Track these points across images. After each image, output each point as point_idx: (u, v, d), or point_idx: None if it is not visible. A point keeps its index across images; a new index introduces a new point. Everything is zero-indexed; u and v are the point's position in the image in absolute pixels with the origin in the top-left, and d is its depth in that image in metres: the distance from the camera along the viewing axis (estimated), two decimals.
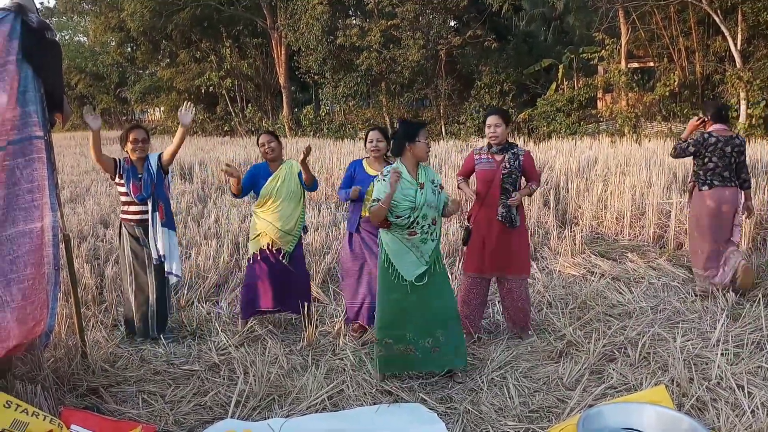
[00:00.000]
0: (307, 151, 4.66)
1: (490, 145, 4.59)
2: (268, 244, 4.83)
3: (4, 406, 3.11)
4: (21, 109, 3.60)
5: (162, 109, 36.43)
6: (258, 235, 4.86)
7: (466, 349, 4.13)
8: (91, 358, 4.20)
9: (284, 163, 4.88)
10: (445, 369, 4.06)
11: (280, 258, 4.83)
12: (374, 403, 3.76)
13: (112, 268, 6.11)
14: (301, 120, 26.38)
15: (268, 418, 3.63)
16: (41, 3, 36.65)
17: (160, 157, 4.83)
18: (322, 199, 10.26)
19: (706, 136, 5.42)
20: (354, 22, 25.09)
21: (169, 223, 4.80)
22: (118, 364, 4.33)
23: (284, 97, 28.15)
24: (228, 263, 6.40)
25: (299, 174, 4.85)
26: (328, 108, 27.99)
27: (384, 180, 3.85)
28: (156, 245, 4.71)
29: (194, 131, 29.59)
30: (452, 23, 24.93)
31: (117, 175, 4.75)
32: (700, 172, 5.46)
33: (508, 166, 4.48)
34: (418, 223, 3.87)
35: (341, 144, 18.92)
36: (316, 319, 4.97)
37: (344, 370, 4.20)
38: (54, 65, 3.79)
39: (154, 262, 4.75)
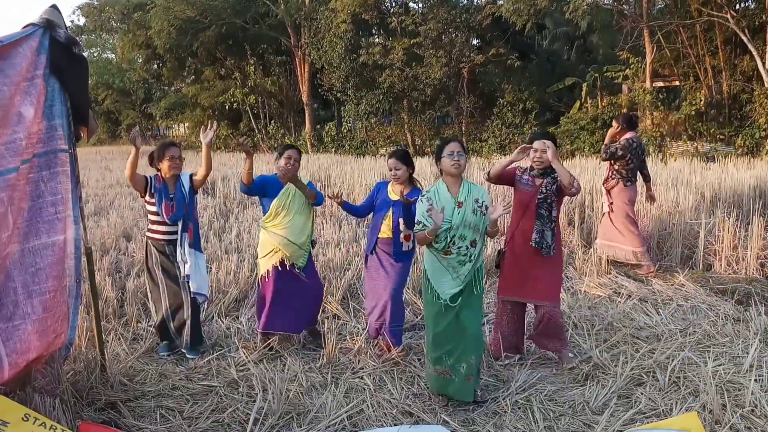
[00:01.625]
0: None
1: (532, 168, 4.42)
2: (282, 261, 4.76)
3: (23, 419, 3.09)
4: (47, 122, 3.64)
5: (186, 125, 36.89)
6: (270, 251, 4.78)
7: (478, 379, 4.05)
8: (110, 372, 4.19)
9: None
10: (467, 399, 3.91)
11: (296, 272, 4.78)
12: (394, 424, 3.68)
13: (133, 282, 6.12)
14: (323, 137, 26.53)
15: None
16: (71, 21, 37.37)
17: (191, 177, 4.79)
18: (343, 215, 10.23)
19: (631, 141, 6.61)
20: (377, 40, 25.26)
21: (196, 244, 4.76)
22: (137, 379, 4.30)
23: (307, 114, 28.33)
24: (248, 278, 6.37)
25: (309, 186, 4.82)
26: (350, 125, 28.11)
27: (422, 201, 3.83)
28: (183, 266, 4.66)
29: (217, 147, 29.89)
30: (475, 42, 24.98)
31: (148, 194, 4.67)
32: (624, 171, 6.67)
33: (545, 191, 4.31)
34: (454, 243, 3.79)
35: (362, 161, 18.95)
36: (336, 336, 4.91)
37: (364, 389, 4.12)
38: (80, 80, 3.83)
39: (184, 279, 4.70)
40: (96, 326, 4.19)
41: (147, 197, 4.69)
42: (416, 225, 3.83)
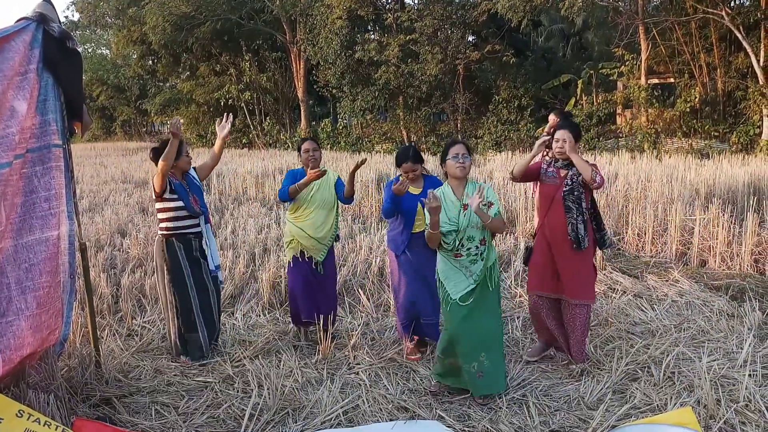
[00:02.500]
0: (361, 162, 4.60)
1: (556, 159, 4.31)
2: (302, 252, 4.79)
3: (17, 415, 3.08)
4: (40, 117, 3.62)
5: (181, 121, 36.80)
6: (290, 241, 4.84)
7: (506, 372, 4.02)
8: (104, 368, 4.18)
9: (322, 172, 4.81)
10: (488, 393, 3.89)
11: (314, 266, 4.79)
12: (390, 420, 3.67)
13: (128, 278, 6.10)
14: (318, 133, 26.51)
15: None
16: (65, 17, 37.29)
17: (195, 170, 4.75)
18: (340, 211, 10.21)
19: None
20: (372, 36, 25.25)
21: (214, 232, 4.73)
22: (131, 375, 4.29)
23: (302, 111, 28.33)
24: (244, 274, 6.36)
25: (336, 184, 4.83)
26: (345, 121, 28.11)
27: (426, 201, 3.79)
28: (212, 256, 4.60)
29: (212, 143, 29.82)
30: (471, 38, 25.00)
31: (169, 191, 4.41)
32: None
33: (570, 183, 4.19)
34: (463, 245, 3.77)
35: (358, 157, 18.91)
36: (332, 333, 4.91)
37: (360, 384, 4.12)
38: (74, 74, 3.80)
39: (211, 275, 4.61)
40: (90, 322, 4.17)
41: (167, 194, 4.41)
42: (426, 226, 3.80)
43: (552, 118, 6.87)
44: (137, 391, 4.06)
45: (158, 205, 4.48)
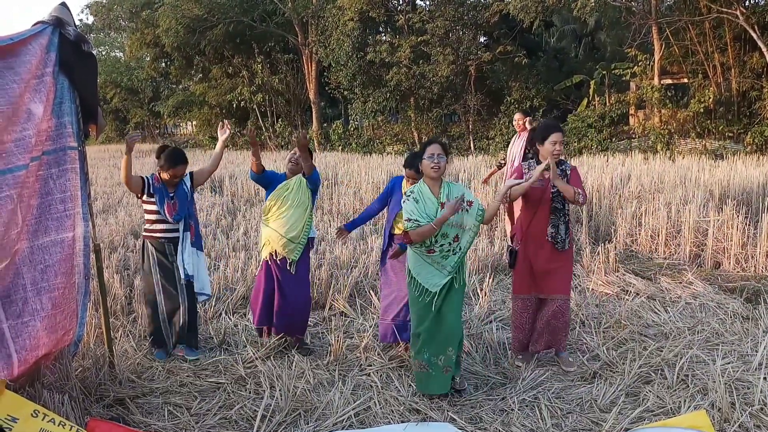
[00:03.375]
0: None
1: (538, 161, 4.31)
2: (272, 254, 4.75)
3: (32, 415, 3.11)
4: (56, 120, 3.66)
5: (194, 123, 37.01)
6: (263, 245, 4.83)
7: (459, 370, 4.08)
8: (118, 369, 4.20)
9: (298, 175, 4.82)
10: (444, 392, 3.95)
11: (287, 267, 4.74)
12: (402, 421, 3.68)
13: (141, 280, 6.14)
14: (330, 135, 26.55)
15: None
16: (80, 20, 37.61)
17: (191, 175, 4.79)
18: (350, 213, 10.24)
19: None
20: (384, 38, 25.27)
21: (197, 242, 4.75)
22: (144, 375, 4.32)
23: (314, 112, 28.37)
24: (256, 275, 6.38)
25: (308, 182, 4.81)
26: (356, 123, 28.12)
27: (409, 200, 3.84)
28: (184, 265, 4.63)
29: (225, 145, 29.91)
30: (482, 39, 24.95)
31: (146, 194, 4.58)
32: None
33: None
34: (437, 242, 3.83)
35: (369, 159, 18.95)
36: (343, 334, 4.91)
37: (371, 386, 4.13)
38: (89, 77, 3.84)
39: (182, 281, 4.66)
40: (104, 323, 4.21)
41: (145, 197, 4.59)
42: (407, 223, 3.82)
43: (519, 117, 7.52)
44: (150, 392, 4.08)
45: (143, 206, 4.70)
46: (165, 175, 4.60)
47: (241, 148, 28.85)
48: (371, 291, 5.98)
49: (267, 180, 4.84)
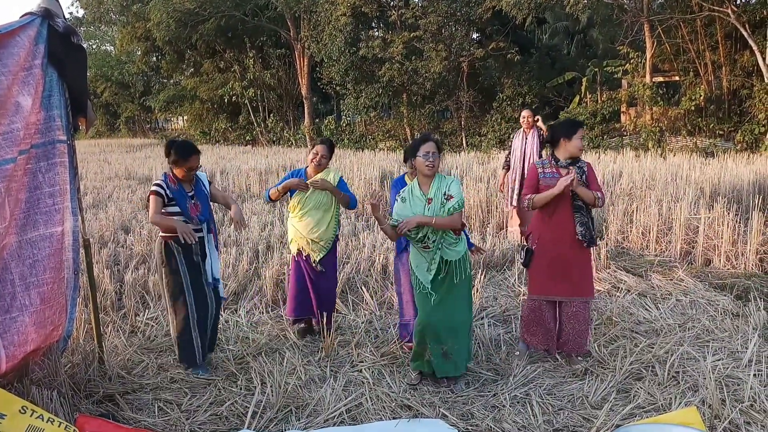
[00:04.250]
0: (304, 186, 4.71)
1: (556, 159, 4.27)
2: (299, 251, 4.87)
3: (20, 411, 3.08)
4: (45, 112, 3.61)
5: (185, 117, 36.86)
6: (291, 240, 4.95)
7: (469, 358, 4.17)
8: (108, 365, 4.18)
9: (323, 171, 4.81)
10: (449, 375, 4.06)
11: (312, 264, 4.82)
12: (394, 418, 3.67)
13: (131, 274, 6.10)
14: (322, 130, 26.50)
15: (285, 430, 3.56)
16: (70, 13, 37.27)
17: (209, 182, 4.48)
18: (343, 210, 10.20)
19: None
20: (377, 33, 25.20)
21: (217, 245, 4.51)
22: (135, 371, 4.29)
23: (306, 108, 28.31)
24: (247, 271, 6.36)
25: (339, 185, 4.82)
26: (349, 119, 28.10)
27: (398, 201, 3.93)
28: (212, 268, 4.33)
29: (216, 140, 29.84)
30: (475, 35, 24.92)
31: (167, 203, 4.12)
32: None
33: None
34: (428, 238, 3.87)
35: (361, 154, 18.92)
36: (335, 330, 4.90)
37: (363, 382, 4.12)
38: (79, 70, 3.80)
39: (210, 285, 4.34)
40: (94, 318, 4.17)
41: (167, 208, 4.14)
42: (392, 221, 3.91)
43: (527, 114, 7.67)
44: (140, 388, 4.06)
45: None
46: (180, 172, 4.18)
47: (232, 143, 28.78)
48: (363, 287, 5.97)
49: (285, 190, 4.82)
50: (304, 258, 4.86)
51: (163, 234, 4.20)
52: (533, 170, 4.40)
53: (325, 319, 4.85)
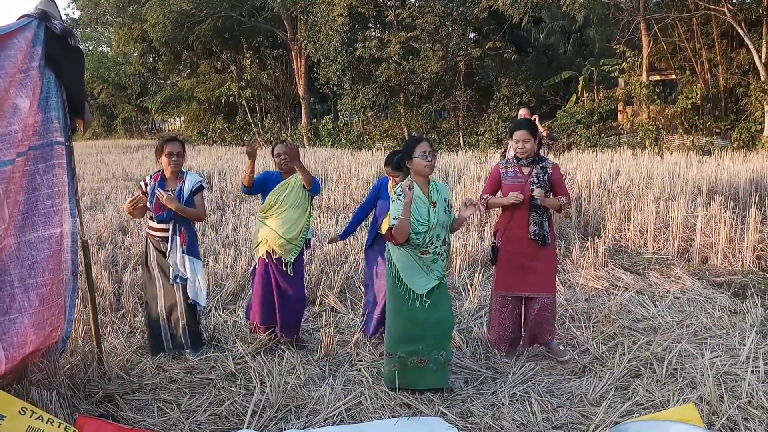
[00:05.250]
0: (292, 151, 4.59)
1: (517, 158, 4.37)
2: (268, 253, 4.72)
3: (20, 412, 3.08)
4: (43, 114, 3.62)
5: (182, 118, 36.81)
6: (259, 242, 4.77)
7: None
8: (107, 365, 4.18)
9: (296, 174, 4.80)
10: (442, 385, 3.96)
11: (283, 267, 4.71)
12: (393, 416, 3.68)
13: (129, 275, 6.10)
14: (319, 130, 26.49)
15: (285, 429, 3.56)
16: (66, 14, 37.21)
17: (200, 187, 4.59)
18: (340, 209, 10.22)
19: None
20: (373, 33, 25.23)
21: (191, 251, 4.55)
22: (134, 372, 4.29)
23: (303, 108, 28.30)
24: (245, 271, 6.35)
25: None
26: (346, 119, 28.09)
27: (398, 199, 3.78)
28: (176, 264, 4.49)
29: (213, 141, 29.83)
30: (472, 35, 24.96)
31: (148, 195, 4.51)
32: None
33: (537, 180, 4.25)
34: (432, 243, 3.82)
35: (359, 154, 18.92)
36: (333, 329, 4.90)
37: (362, 381, 4.12)
38: (76, 71, 3.79)
39: (172, 281, 4.54)
40: (93, 319, 4.17)
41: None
42: (393, 220, 3.80)
43: (524, 113, 7.84)
44: (140, 389, 4.06)
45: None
46: (164, 162, 4.47)
47: (230, 143, 28.75)
48: (361, 287, 5.98)
49: (259, 188, 4.77)
50: (274, 261, 4.72)
51: (146, 230, 4.66)
52: (495, 169, 4.49)
53: (290, 333, 4.78)
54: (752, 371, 3.89)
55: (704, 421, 3.26)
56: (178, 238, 4.51)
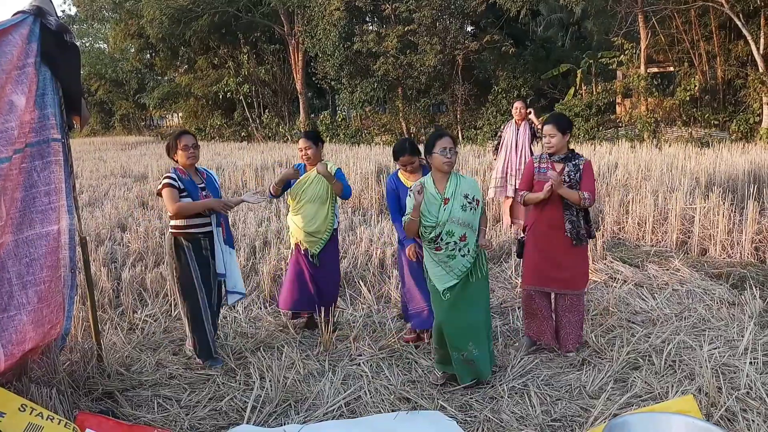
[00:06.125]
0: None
1: (550, 154, 4.29)
2: (298, 244, 4.92)
3: (19, 409, 3.08)
4: (39, 111, 3.60)
5: (180, 114, 36.72)
6: (290, 232, 5.01)
7: (494, 360, 4.08)
8: (106, 362, 4.18)
9: (320, 163, 4.79)
10: (474, 380, 3.95)
11: (309, 258, 4.85)
12: (392, 410, 3.69)
13: (128, 272, 6.10)
14: (317, 126, 26.45)
15: (285, 424, 3.57)
16: (62, 11, 37.12)
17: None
18: (338, 204, 10.20)
19: None
20: (371, 27, 25.12)
21: (229, 240, 4.47)
22: (133, 368, 4.30)
23: (301, 103, 28.26)
24: (244, 267, 6.36)
25: (336, 176, 4.83)
26: (344, 113, 28.04)
27: (410, 197, 3.75)
28: (220, 260, 4.34)
29: (211, 137, 29.78)
30: (469, 28, 24.90)
31: (180, 191, 4.20)
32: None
33: (568, 179, 4.18)
34: (442, 239, 3.75)
35: (357, 149, 18.91)
36: (333, 324, 4.91)
37: (362, 376, 4.13)
38: (72, 68, 3.78)
39: (217, 279, 4.40)
40: (92, 316, 4.17)
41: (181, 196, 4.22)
42: (405, 216, 3.82)
43: (520, 105, 7.89)
44: (139, 385, 4.07)
45: None
46: (180, 156, 4.30)
47: (228, 139, 28.71)
48: (360, 281, 5.98)
49: (285, 186, 4.87)
50: (302, 252, 4.89)
51: (174, 230, 4.26)
52: (530, 165, 4.42)
53: (323, 312, 4.84)
54: (750, 362, 3.89)
55: (703, 413, 3.27)
56: (220, 229, 4.36)
